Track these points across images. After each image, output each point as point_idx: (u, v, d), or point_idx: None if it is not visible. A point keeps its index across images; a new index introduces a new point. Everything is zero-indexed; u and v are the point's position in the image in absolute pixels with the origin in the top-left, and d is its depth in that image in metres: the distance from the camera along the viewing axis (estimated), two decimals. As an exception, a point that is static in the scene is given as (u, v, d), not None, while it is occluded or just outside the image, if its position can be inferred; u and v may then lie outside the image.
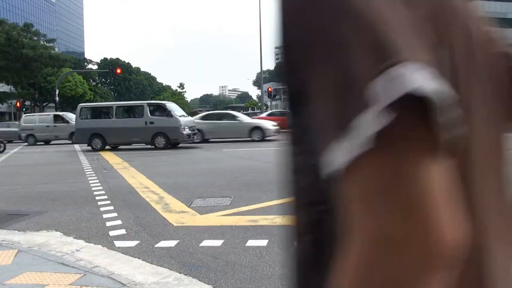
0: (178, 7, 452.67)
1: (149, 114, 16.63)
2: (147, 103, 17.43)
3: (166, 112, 16.73)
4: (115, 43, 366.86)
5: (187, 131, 16.51)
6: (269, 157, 10.19)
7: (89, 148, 16.93)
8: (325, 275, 0.38)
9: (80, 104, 18.70)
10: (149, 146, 16.64)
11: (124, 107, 18.33)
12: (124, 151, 16.21)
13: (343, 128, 0.31)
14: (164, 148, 16.20)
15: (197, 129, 17.48)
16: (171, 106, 17.47)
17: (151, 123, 16.49)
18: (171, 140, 16.31)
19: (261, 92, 54.49)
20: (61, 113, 25.11)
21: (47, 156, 15.61)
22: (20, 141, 23.45)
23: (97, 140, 16.86)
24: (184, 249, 3.89)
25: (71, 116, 22.79)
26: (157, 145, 16.41)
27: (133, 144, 17.29)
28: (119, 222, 4.96)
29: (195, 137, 17.25)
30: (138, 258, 3.67)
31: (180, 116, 16.79)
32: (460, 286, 0.36)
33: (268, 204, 5.60)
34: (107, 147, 17.08)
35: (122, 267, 3.37)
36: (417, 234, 0.29)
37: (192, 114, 24.04)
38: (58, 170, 10.65)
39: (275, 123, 18.44)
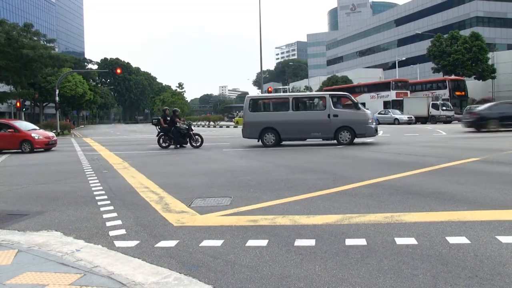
0: (178, 7, 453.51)
1: (332, 106, 15.01)
2: (330, 94, 15.55)
3: (352, 104, 15.21)
4: (115, 43, 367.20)
5: (374, 125, 15.16)
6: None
7: (260, 144, 15.71)
8: None
9: (249, 96, 16.88)
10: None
11: (302, 98, 16.80)
12: (123, 151, 16.19)
13: None
14: (349, 143, 14.82)
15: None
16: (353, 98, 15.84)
17: (335, 116, 14.92)
18: (357, 135, 14.94)
19: (261, 92, 54.48)
20: None
21: (47, 156, 15.62)
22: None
23: (270, 135, 15.48)
24: (184, 249, 3.89)
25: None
26: (341, 140, 14.96)
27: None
28: (119, 222, 4.96)
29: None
30: (138, 258, 3.66)
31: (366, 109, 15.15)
32: None
33: (268, 204, 5.60)
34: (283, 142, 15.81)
35: (122, 267, 3.36)
36: None
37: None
38: (58, 170, 10.66)
39: None
